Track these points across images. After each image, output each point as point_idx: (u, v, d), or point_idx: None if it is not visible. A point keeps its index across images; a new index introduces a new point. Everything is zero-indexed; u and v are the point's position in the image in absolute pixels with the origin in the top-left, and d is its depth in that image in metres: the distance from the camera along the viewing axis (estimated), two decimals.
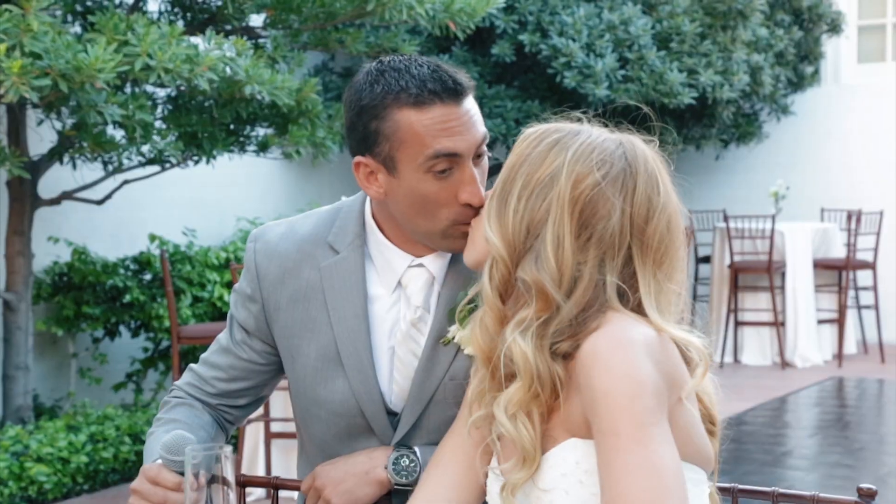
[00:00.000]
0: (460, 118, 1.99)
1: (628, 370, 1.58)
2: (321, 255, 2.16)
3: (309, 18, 6.01)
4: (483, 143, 2.02)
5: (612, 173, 1.69)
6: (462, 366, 2.05)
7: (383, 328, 2.13)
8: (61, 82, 4.68)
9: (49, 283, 6.82)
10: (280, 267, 2.17)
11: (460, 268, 2.06)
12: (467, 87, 2.01)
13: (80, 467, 5.86)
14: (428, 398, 2.10)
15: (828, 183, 11.13)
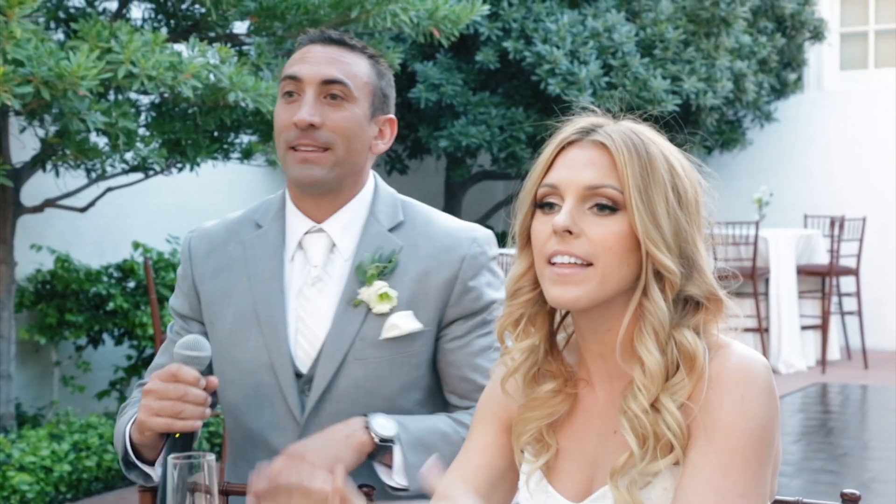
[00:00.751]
0: (316, 53, 2.23)
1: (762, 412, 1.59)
2: (246, 231, 2.32)
3: (293, 25, 6.00)
4: (334, 82, 2.19)
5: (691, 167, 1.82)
6: (372, 325, 2.18)
7: (292, 291, 2.25)
8: (44, 89, 4.67)
9: (32, 291, 6.79)
10: (209, 244, 2.34)
11: (371, 238, 2.23)
12: (349, 42, 2.25)
13: (64, 476, 5.84)
14: (341, 359, 2.19)
15: (811, 189, 11.17)
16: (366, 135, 2.27)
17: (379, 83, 2.30)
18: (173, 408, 1.97)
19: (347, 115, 2.23)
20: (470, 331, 2.24)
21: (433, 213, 2.36)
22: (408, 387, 2.23)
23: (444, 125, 8.90)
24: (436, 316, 2.23)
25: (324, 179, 2.23)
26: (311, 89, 2.21)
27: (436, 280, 2.23)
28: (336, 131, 2.22)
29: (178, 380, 1.98)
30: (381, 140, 2.32)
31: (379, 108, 2.30)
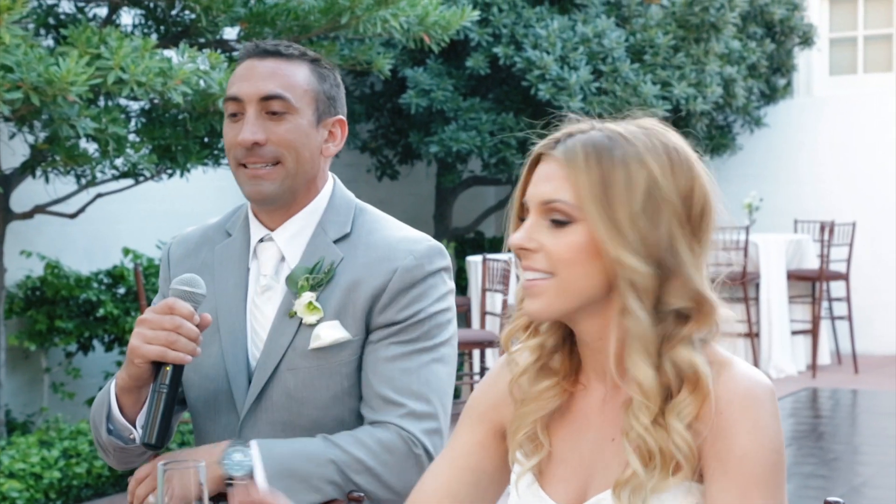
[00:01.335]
0: (253, 70, 2.25)
1: (774, 435, 1.59)
2: (218, 239, 2.37)
3: (283, 31, 6.00)
4: (273, 98, 2.21)
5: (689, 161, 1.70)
6: (303, 336, 2.21)
7: (248, 300, 2.30)
8: (33, 95, 4.66)
9: (22, 298, 6.78)
10: (185, 249, 2.40)
11: (315, 249, 2.26)
12: (284, 52, 2.26)
13: (53, 483, 5.82)
14: (273, 368, 2.22)
15: (801, 194, 11.20)
16: (313, 142, 2.28)
17: (321, 87, 2.30)
18: (168, 337, 2.05)
19: (290, 128, 2.24)
20: (383, 339, 2.24)
21: (383, 222, 2.35)
22: (339, 396, 2.24)
23: (435, 131, 8.91)
24: (362, 325, 2.24)
25: (275, 193, 2.26)
26: (251, 108, 2.23)
27: (365, 289, 2.24)
28: (281, 145, 2.24)
29: (173, 312, 2.06)
30: (331, 143, 2.32)
31: (325, 112, 2.30)
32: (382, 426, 2.20)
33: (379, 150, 9.81)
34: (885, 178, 10.80)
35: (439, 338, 2.28)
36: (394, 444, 2.19)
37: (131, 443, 2.21)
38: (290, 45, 2.29)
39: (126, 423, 2.19)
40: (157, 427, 2.07)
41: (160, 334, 2.05)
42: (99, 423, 2.23)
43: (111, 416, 2.20)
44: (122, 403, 2.18)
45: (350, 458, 2.16)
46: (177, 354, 2.05)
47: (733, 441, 1.59)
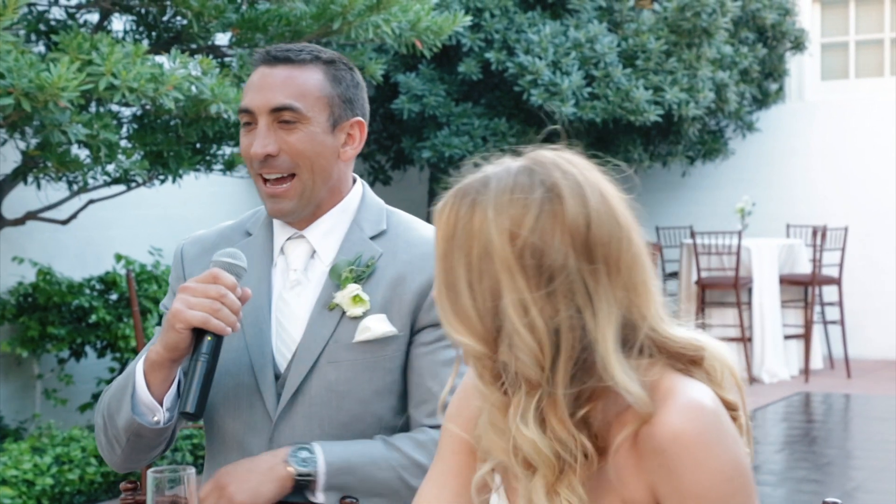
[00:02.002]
0: (264, 79, 2.23)
1: (723, 465, 1.52)
2: (237, 238, 2.36)
3: (275, 37, 6.00)
4: (283, 109, 2.20)
5: (538, 205, 1.52)
6: (346, 329, 2.20)
7: (274, 295, 2.29)
8: (24, 101, 4.65)
9: (14, 304, 6.76)
10: (200, 247, 2.38)
11: (351, 245, 2.27)
12: (295, 58, 2.23)
13: (46, 489, 5.81)
14: (313, 361, 2.21)
15: (793, 199, 11.21)
16: (329, 148, 2.27)
17: (336, 91, 2.27)
18: (212, 305, 2.06)
19: (303, 137, 2.23)
20: (438, 339, 2.23)
21: (416, 222, 2.36)
22: (381, 391, 2.23)
23: (427, 136, 8.91)
24: (409, 321, 2.23)
25: (294, 210, 2.26)
26: (262, 119, 2.22)
27: (411, 285, 2.23)
28: (294, 155, 2.23)
29: (217, 281, 2.07)
30: (349, 146, 2.31)
31: (342, 116, 2.28)
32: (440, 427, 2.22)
33: (371, 155, 9.81)
34: (878, 182, 10.82)
35: None
36: None
37: (154, 426, 2.16)
38: (302, 50, 2.27)
39: (152, 403, 2.15)
40: (197, 394, 2.05)
41: (204, 301, 2.05)
42: (116, 409, 2.19)
43: (135, 395, 2.16)
44: (149, 381, 2.15)
45: (410, 462, 2.17)
46: (218, 323, 2.05)
47: (682, 481, 1.52)
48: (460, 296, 1.55)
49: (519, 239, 1.51)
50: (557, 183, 1.54)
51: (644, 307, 1.56)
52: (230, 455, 2.24)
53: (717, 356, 1.65)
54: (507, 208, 1.53)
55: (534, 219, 1.52)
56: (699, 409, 1.53)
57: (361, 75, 2.37)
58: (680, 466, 1.51)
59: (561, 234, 1.52)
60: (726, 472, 1.52)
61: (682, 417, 1.52)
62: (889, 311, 10.76)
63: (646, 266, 1.57)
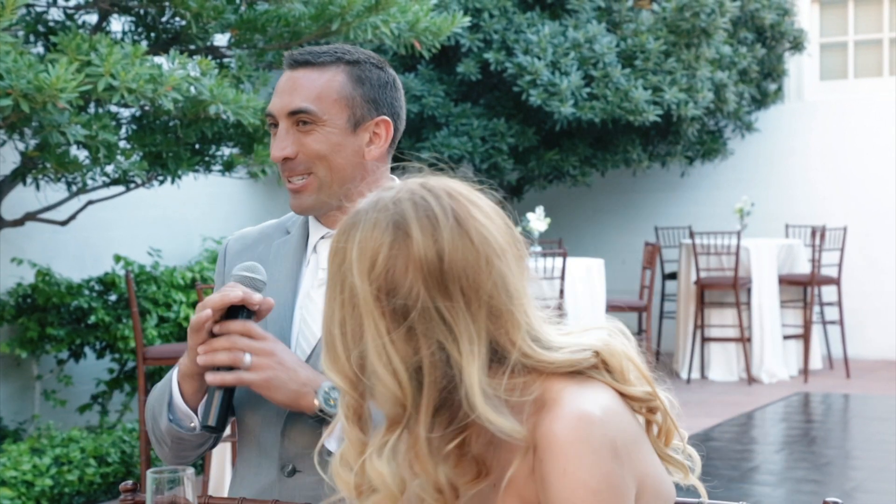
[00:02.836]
0: (286, 83, 2.28)
1: (588, 479, 1.48)
2: (277, 235, 2.42)
3: (274, 38, 6.00)
4: (298, 112, 2.25)
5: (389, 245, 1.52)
6: None
7: (301, 294, 2.33)
8: (23, 102, 4.65)
9: (13, 305, 6.76)
10: (242, 244, 2.43)
11: None
12: (315, 61, 2.27)
13: (45, 490, 5.81)
14: None
15: (792, 199, 11.22)
16: (349, 148, 2.29)
17: (358, 92, 2.30)
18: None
19: (319, 138, 2.26)
20: None
21: None
22: None
23: (426, 136, 8.91)
24: None
25: (314, 205, 2.31)
26: (282, 122, 2.28)
27: None
28: (311, 156, 2.27)
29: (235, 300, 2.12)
30: (374, 145, 2.33)
31: (364, 116, 2.31)
32: None
33: None
34: (877, 182, 10.83)
35: None
36: None
37: (191, 431, 2.22)
38: (324, 52, 2.30)
39: (187, 411, 2.21)
40: (219, 408, 2.10)
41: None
42: (158, 413, 2.25)
43: (172, 404, 2.22)
44: (183, 390, 2.21)
45: None
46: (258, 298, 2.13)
47: (550, 489, 1.50)
48: (334, 337, 1.57)
49: (374, 280, 1.51)
50: (407, 219, 1.53)
51: (513, 333, 1.53)
52: (251, 449, 2.27)
53: (614, 351, 1.60)
54: (366, 250, 1.53)
55: (384, 259, 1.52)
56: (579, 419, 1.50)
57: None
58: (550, 473, 1.49)
59: (412, 272, 1.51)
60: (592, 485, 1.48)
61: (560, 425, 1.50)
62: (888, 311, 10.76)
63: (511, 291, 1.54)
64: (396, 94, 2.37)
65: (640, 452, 1.57)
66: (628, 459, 1.53)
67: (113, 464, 6.19)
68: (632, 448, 1.55)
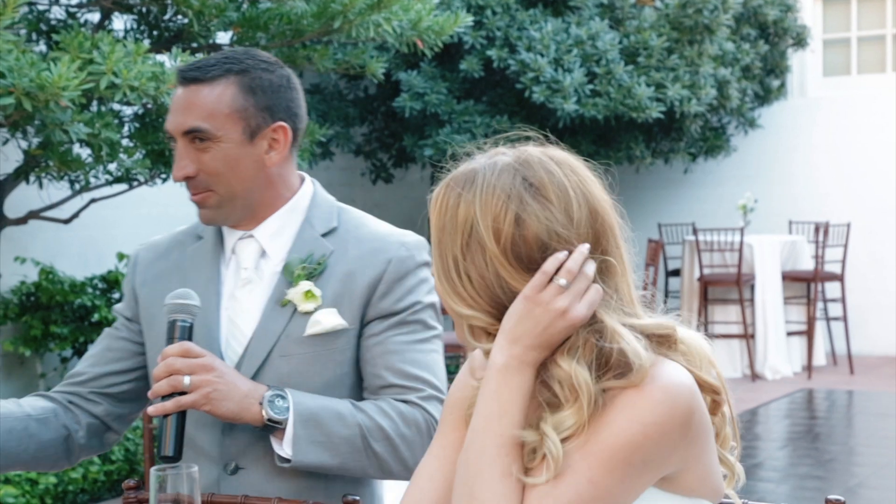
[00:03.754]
0: (179, 101, 2.29)
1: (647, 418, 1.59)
2: (189, 241, 2.43)
3: (276, 36, 6.00)
4: (192, 131, 2.25)
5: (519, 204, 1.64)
6: (297, 323, 2.26)
7: (225, 295, 2.35)
8: (25, 101, 4.65)
9: (16, 303, 6.77)
10: (154, 253, 2.46)
11: (303, 243, 2.33)
12: (204, 77, 2.26)
13: (49, 488, 5.81)
14: (265, 355, 2.26)
15: (795, 195, 11.20)
16: (247, 160, 2.30)
17: (250, 102, 2.29)
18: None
19: (216, 156, 2.27)
20: (387, 329, 2.30)
21: (367, 218, 2.43)
22: (332, 384, 2.28)
23: (429, 134, 8.91)
24: (359, 315, 2.30)
25: (218, 217, 2.33)
26: (179, 142, 2.29)
27: (361, 280, 2.30)
28: (209, 174, 2.28)
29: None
30: (274, 151, 2.33)
31: (260, 125, 2.30)
32: (405, 403, 2.27)
33: (373, 153, 9.81)
34: (880, 178, 10.82)
35: (436, 329, 2.36)
36: (415, 419, 2.25)
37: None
38: (213, 65, 2.29)
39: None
40: (173, 439, 2.10)
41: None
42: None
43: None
44: None
45: (374, 425, 2.22)
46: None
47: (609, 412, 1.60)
48: (454, 281, 1.67)
49: (503, 235, 1.62)
50: (542, 181, 1.65)
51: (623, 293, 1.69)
52: (186, 451, 2.25)
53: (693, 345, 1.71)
54: (491, 205, 1.63)
55: (514, 215, 1.63)
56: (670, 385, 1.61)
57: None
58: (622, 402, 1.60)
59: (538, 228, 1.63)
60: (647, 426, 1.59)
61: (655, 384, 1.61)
62: (892, 307, 10.75)
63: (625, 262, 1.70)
64: (291, 93, 2.36)
65: (704, 438, 1.65)
66: (690, 439, 1.62)
67: (117, 461, 6.20)
68: (700, 430, 1.64)
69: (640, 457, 1.59)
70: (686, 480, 1.66)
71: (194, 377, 2.11)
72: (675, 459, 1.63)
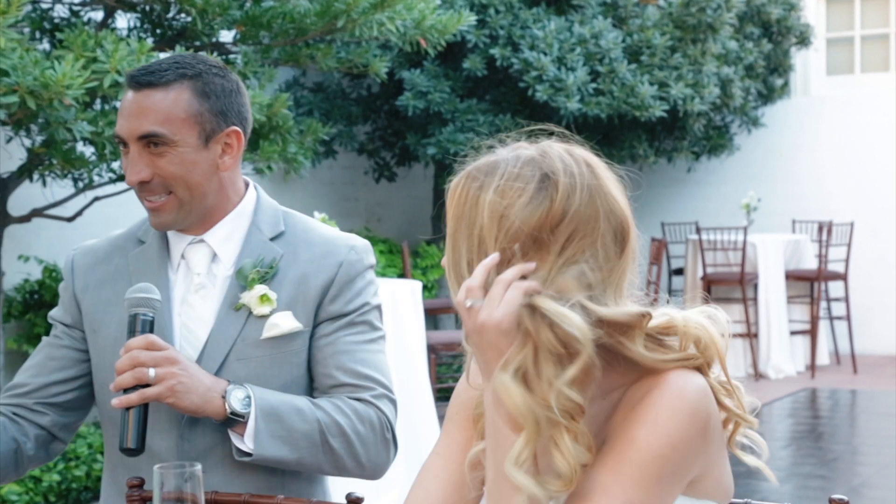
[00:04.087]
0: (132, 106, 2.26)
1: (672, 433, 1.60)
2: (130, 246, 2.43)
3: (279, 34, 6.00)
4: (149, 136, 2.24)
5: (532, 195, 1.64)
6: (253, 327, 2.29)
7: (176, 300, 2.34)
8: (29, 99, 4.65)
9: (20, 301, 6.77)
10: (93, 258, 2.45)
11: (252, 247, 2.34)
12: (158, 81, 2.25)
13: (53, 486, 5.82)
14: (222, 359, 2.27)
15: (799, 194, 11.20)
16: (203, 164, 2.30)
17: (204, 107, 2.29)
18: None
19: (173, 160, 2.27)
20: (337, 330, 2.33)
21: (312, 222, 2.46)
22: (289, 385, 2.30)
23: (432, 132, 8.91)
24: (312, 317, 2.32)
25: (174, 222, 2.32)
26: (133, 146, 2.28)
27: (314, 283, 2.33)
28: (167, 178, 2.28)
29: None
30: (227, 155, 2.34)
31: (214, 129, 2.31)
32: (359, 401, 2.29)
33: (376, 151, 9.81)
34: (883, 177, 10.81)
35: (381, 330, 2.40)
36: (369, 418, 2.28)
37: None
38: (166, 70, 2.28)
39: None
40: (135, 431, 2.10)
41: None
42: None
43: None
44: None
45: (331, 421, 2.24)
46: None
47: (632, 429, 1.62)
48: (464, 270, 1.67)
49: (508, 222, 1.63)
50: (557, 175, 1.66)
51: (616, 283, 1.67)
52: (138, 459, 2.24)
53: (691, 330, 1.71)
54: (507, 195, 1.64)
55: (525, 204, 1.63)
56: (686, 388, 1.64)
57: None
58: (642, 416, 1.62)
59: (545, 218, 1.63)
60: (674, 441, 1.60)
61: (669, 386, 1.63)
62: (895, 306, 10.74)
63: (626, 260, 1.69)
64: (241, 98, 2.37)
65: (719, 437, 1.70)
66: (709, 440, 1.65)
67: None
68: (715, 434, 1.67)
69: (669, 469, 1.60)
70: (704, 484, 1.68)
71: (159, 369, 2.11)
72: (699, 464, 1.65)
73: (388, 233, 10.49)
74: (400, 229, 10.58)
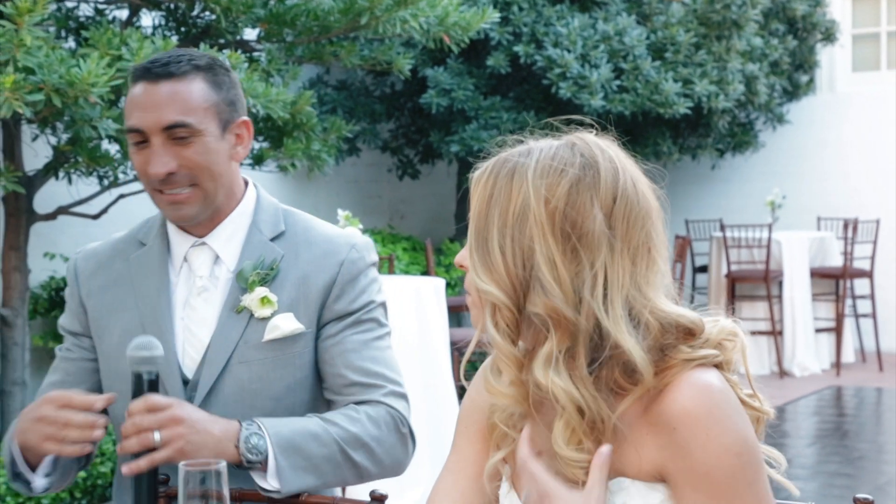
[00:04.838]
0: (150, 97, 2.23)
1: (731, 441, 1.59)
2: (131, 249, 2.40)
3: (303, 32, 6.00)
4: (175, 126, 2.21)
5: (576, 176, 1.63)
6: (255, 329, 2.27)
7: (179, 303, 2.32)
8: (55, 97, 4.67)
9: (45, 298, 6.81)
10: (96, 262, 2.41)
11: (253, 248, 2.33)
12: (176, 72, 2.23)
13: (78, 482, 5.85)
14: (224, 362, 2.26)
15: (824, 191, 11.15)
16: (222, 153, 2.30)
17: (219, 97, 2.30)
18: (57, 434, 2.09)
19: (199, 149, 2.25)
20: (343, 329, 2.31)
21: (314, 221, 2.44)
22: (292, 388, 2.29)
23: (456, 130, 8.90)
24: (315, 317, 2.31)
25: (197, 214, 2.30)
26: (156, 138, 2.24)
27: (315, 283, 2.31)
28: (194, 168, 2.26)
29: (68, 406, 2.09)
30: (240, 146, 2.35)
31: (229, 119, 2.31)
32: (368, 403, 2.28)
33: (400, 149, 9.82)
34: None
35: (388, 327, 2.39)
36: (382, 419, 2.26)
37: (30, 492, 2.27)
38: (179, 62, 2.27)
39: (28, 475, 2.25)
40: (147, 498, 2.02)
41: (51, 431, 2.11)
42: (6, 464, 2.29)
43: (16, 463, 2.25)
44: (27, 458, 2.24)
45: (348, 435, 2.22)
46: (73, 448, 2.10)
47: (693, 458, 1.58)
48: (492, 252, 1.65)
49: (554, 202, 1.62)
50: (596, 158, 1.65)
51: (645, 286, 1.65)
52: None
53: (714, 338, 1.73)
54: (547, 175, 1.63)
55: (568, 186, 1.62)
56: (707, 387, 1.61)
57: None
58: (691, 444, 1.58)
59: (593, 206, 1.62)
60: (734, 447, 1.58)
61: (691, 394, 1.60)
62: None
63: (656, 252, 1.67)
64: (241, 92, 2.38)
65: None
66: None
67: None
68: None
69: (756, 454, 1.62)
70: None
71: (164, 431, 2.03)
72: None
73: (412, 230, 10.49)
74: (423, 227, 10.59)
